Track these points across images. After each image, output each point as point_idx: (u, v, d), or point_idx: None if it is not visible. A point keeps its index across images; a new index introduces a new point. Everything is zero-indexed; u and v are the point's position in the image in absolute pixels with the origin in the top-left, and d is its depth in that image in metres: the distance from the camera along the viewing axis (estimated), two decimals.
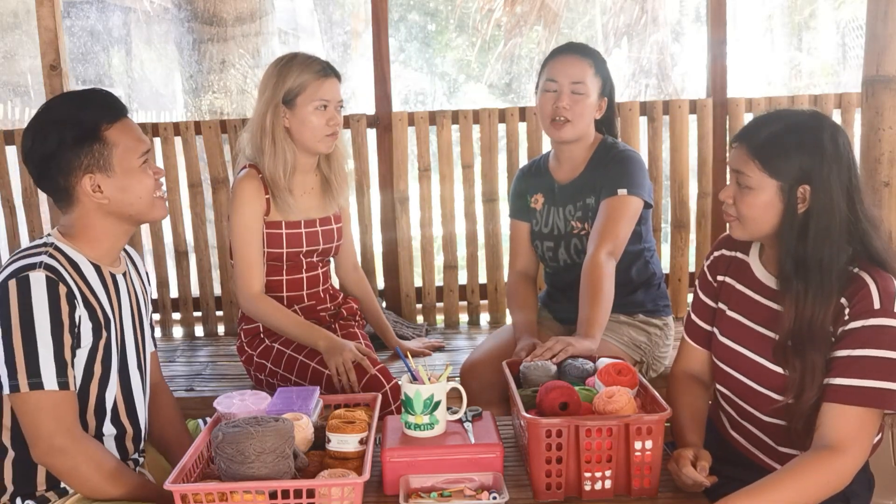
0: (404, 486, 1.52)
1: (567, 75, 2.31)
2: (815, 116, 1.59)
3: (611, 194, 2.28)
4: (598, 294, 2.13)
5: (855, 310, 1.50)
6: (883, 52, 2.24)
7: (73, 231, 1.68)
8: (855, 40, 8.57)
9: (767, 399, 1.63)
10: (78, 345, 1.60)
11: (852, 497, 1.62)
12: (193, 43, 5.00)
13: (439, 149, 3.30)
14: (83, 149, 1.63)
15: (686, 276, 3.33)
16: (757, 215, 1.58)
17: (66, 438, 1.54)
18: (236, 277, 2.37)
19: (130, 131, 1.68)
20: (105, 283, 1.69)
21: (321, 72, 2.31)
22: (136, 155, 1.67)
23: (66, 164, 1.63)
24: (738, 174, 1.59)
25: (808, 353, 1.52)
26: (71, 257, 1.65)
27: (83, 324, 1.61)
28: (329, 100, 2.31)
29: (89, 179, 1.64)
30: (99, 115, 1.65)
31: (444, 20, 10.15)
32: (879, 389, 1.47)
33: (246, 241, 2.33)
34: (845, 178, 1.54)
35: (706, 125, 3.26)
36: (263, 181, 2.33)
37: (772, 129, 1.57)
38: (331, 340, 2.23)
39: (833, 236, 1.53)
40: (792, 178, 1.54)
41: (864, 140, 2.32)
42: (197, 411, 2.35)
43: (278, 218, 2.36)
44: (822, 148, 1.52)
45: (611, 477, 1.54)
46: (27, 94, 7.98)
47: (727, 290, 1.76)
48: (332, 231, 2.46)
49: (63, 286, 1.57)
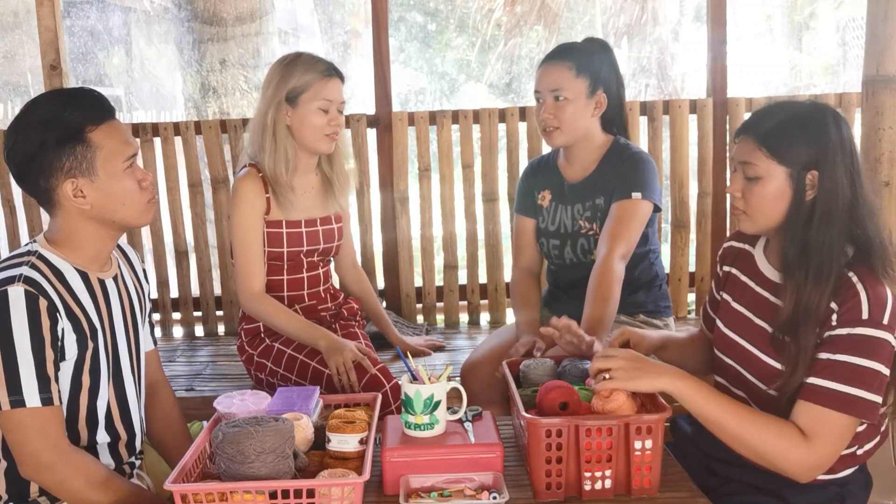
0: (404, 486, 1.52)
1: (546, 84, 2.31)
2: (817, 105, 1.61)
3: (624, 197, 2.27)
4: (608, 296, 2.13)
5: (844, 317, 1.50)
6: (883, 52, 2.24)
7: (58, 237, 1.63)
8: (855, 40, 8.57)
9: (760, 390, 1.63)
10: (62, 357, 1.56)
11: (849, 497, 1.63)
12: (193, 43, 5.00)
13: (439, 149, 3.30)
14: (65, 151, 1.56)
15: (686, 277, 3.34)
16: (766, 206, 1.58)
17: (52, 454, 1.51)
18: (237, 276, 2.37)
19: (117, 134, 1.61)
20: (92, 290, 1.64)
21: (325, 72, 2.31)
22: (122, 159, 1.60)
23: (47, 167, 1.56)
24: (746, 165, 1.59)
25: (802, 332, 1.53)
26: (55, 266, 1.60)
27: (66, 336, 1.56)
28: (332, 100, 2.31)
29: (71, 184, 1.57)
30: (84, 116, 1.58)
31: (444, 20, 10.15)
32: (853, 396, 1.47)
33: (246, 239, 2.33)
34: (848, 162, 1.55)
35: (706, 125, 3.26)
36: (264, 180, 2.33)
37: (777, 117, 1.58)
38: (331, 340, 2.24)
39: (836, 220, 1.53)
40: (800, 165, 1.54)
41: (864, 140, 2.32)
42: (197, 411, 2.35)
43: (279, 217, 2.36)
44: (827, 134, 1.54)
45: (611, 476, 1.54)
46: (27, 94, 7.98)
47: (733, 281, 1.77)
48: (333, 231, 2.46)
49: (44, 300, 1.51)
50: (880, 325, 1.48)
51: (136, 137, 3.26)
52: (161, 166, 3.32)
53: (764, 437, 1.50)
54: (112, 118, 1.63)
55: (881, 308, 1.49)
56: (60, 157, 1.56)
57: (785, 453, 1.49)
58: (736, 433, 1.52)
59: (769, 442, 1.49)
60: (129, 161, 1.63)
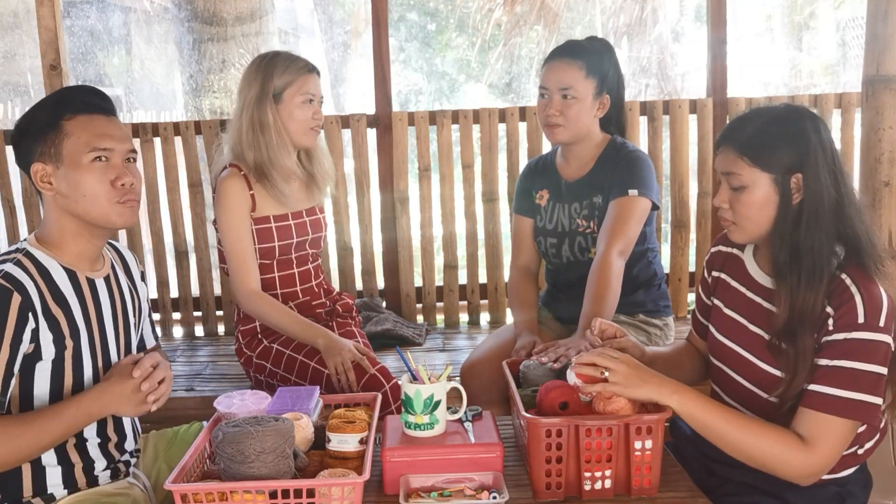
0: (404, 485, 1.52)
1: (555, 82, 2.31)
2: (792, 108, 1.60)
3: (621, 194, 2.28)
4: (606, 292, 2.14)
5: (840, 322, 1.50)
6: (883, 52, 2.24)
7: (46, 234, 1.66)
8: (855, 40, 8.57)
9: (758, 397, 1.63)
10: (39, 357, 1.57)
11: (849, 497, 1.63)
12: (193, 43, 4.99)
13: (439, 149, 3.30)
14: (40, 135, 1.62)
15: (686, 276, 3.34)
16: (754, 214, 1.58)
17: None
18: (232, 277, 2.37)
19: (94, 127, 1.63)
20: (79, 289, 1.65)
21: (305, 68, 2.37)
22: (87, 150, 1.61)
23: (25, 149, 1.64)
24: (729, 175, 1.59)
25: (799, 337, 1.53)
26: (42, 264, 1.61)
27: (42, 336, 1.56)
28: (314, 94, 2.37)
29: (41, 168, 1.62)
30: (67, 106, 1.63)
31: (444, 20, 10.16)
32: (855, 401, 1.47)
33: (237, 238, 2.34)
34: (830, 162, 1.54)
35: (706, 125, 3.26)
36: (246, 178, 2.34)
37: (754, 125, 1.57)
38: (329, 339, 2.24)
39: (824, 221, 1.53)
40: (783, 169, 1.54)
41: (864, 140, 2.32)
42: (197, 411, 2.35)
43: (266, 213, 2.37)
44: (807, 136, 1.54)
45: (611, 477, 1.54)
46: (27, 94, 7.98)
47: (723, 287, 1.76)
48: (319, 221, 2.49)
49: (18, 296, 1.52)
50: (877, 327, 1.48)
51: (136, 137, 3.26)
52: (161, 166, 3.32)
53: (765, 447, 1.50)
54: (98, 113, 1.66)
55: (876, 311, 1.49)
56: (35, 141, 1.63)
57: (787, 461, 1.49)
58: (737, 444, 1.52)
59: (770, 451, 1.50)
60: (95, 153, 1.63)
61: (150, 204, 3.32)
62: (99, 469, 1.68)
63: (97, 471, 1.67)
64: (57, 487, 1.62)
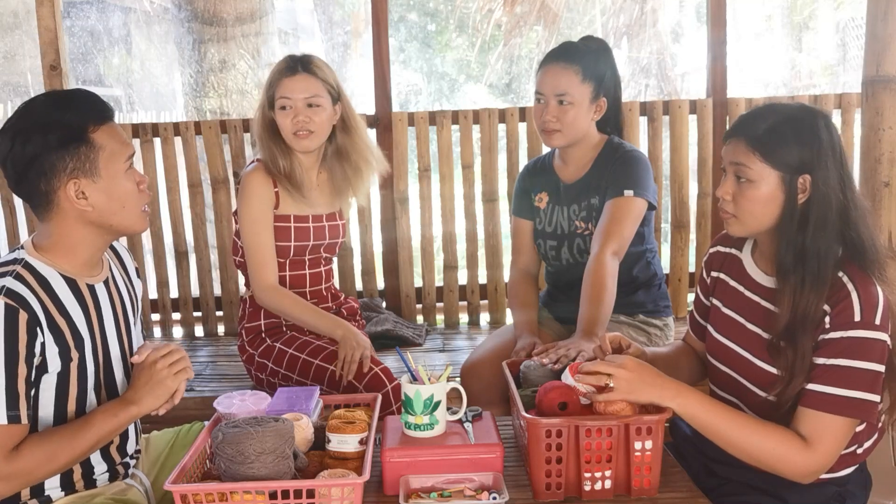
0: (404, 486, 1.52)
1: (551, 87, 2.29)
2: (806, 108, 1.59)
3: (617, 195, 2.27)
4: (602, 293, 2.13)
5: (836, 320, 1.50)
6: (883, 52, 2.24)
7: (48, 242, 1.60)
8: (855, 40, 8.57)
9: (756, 396, 1.64)
10: (45, 370, 1.54)
11: (848, 497, 1.63)
12: (193, 43, 4.99)
13: (439, 149, 3.30)
14: (69, 151, 1.54)
15: (686, 277, 3.34)
16: (757, 210, 1.57)
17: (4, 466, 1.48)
18: (250, 271, 2.37)
19: (117, 135, 1.61)
20: (81, 298, 1.62)
21: (285, 69, 2.32)
22: (123, 159, 1.60)
23: (49, 168, 1.54)
24: (738, 167, 1.57)
25: (799, 339, 1.53)
26: (41, 274, 1.56)
27: (48, 350, 1.54)
28: (289, 97, 2.29)
29: (74, 185, 1.55)
30: (86, 117, 1.57)
31: (444, 20, 10.15)
32: (854, 399, 1.48)
33: (257, 232, 2.34)
34: (839, 165, 1.54)
35: (706, 125, 3.26)
36: (272, 175, 2.34)
37: (768, 121, 1.56)
38: (349, 331, 2.26)
39: (830, 225, 1.53)
40: (793, 168, 1.53)
41: (864, 140, 2.32)
42: (197, 411, 2.35)
43: (288, 212, 2.37)
44: (818, 137, 1.53)
45: (611, 477, 1.54)
46: (27, 94, 7.98)
47: (721, 287, 1.76)
48: (338, 227, 2.48)
49: (24, 313, 1.48)
50: (873, 325, 1.48)
51: (136, 138, 3.27)
52: (161, 166, 3.32)
53: (768, 447, 1.50)
54: (111, 119, 1.63)
55: (873, 308, 1.49)
56: (64, 158, 1.54)
57: (789, 460, 1.50)
58: (740, 444, 1.53)
59: (773, 450, 1.50)
60: (129, 161, 1.63)
61: (150, 204, 3.31)
62: (98, 472, 1.67)
63: (96, 474, 1.67)
64: (54, 490, 1.61)
